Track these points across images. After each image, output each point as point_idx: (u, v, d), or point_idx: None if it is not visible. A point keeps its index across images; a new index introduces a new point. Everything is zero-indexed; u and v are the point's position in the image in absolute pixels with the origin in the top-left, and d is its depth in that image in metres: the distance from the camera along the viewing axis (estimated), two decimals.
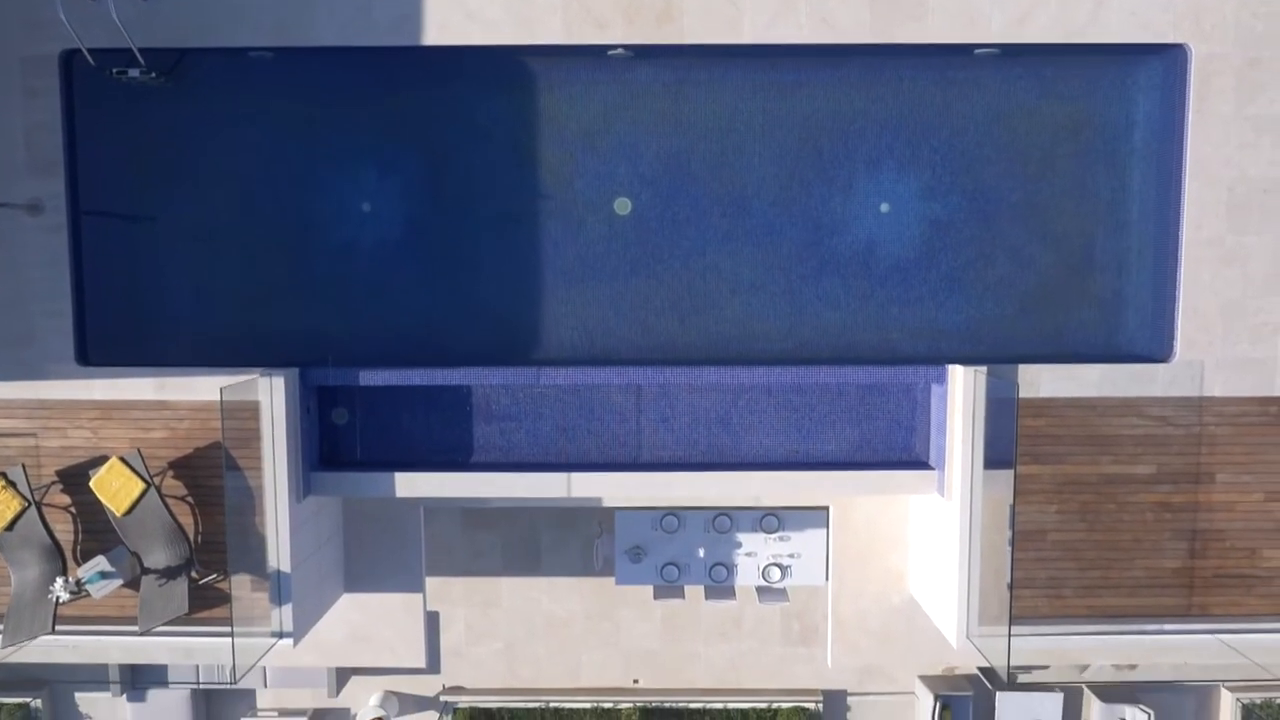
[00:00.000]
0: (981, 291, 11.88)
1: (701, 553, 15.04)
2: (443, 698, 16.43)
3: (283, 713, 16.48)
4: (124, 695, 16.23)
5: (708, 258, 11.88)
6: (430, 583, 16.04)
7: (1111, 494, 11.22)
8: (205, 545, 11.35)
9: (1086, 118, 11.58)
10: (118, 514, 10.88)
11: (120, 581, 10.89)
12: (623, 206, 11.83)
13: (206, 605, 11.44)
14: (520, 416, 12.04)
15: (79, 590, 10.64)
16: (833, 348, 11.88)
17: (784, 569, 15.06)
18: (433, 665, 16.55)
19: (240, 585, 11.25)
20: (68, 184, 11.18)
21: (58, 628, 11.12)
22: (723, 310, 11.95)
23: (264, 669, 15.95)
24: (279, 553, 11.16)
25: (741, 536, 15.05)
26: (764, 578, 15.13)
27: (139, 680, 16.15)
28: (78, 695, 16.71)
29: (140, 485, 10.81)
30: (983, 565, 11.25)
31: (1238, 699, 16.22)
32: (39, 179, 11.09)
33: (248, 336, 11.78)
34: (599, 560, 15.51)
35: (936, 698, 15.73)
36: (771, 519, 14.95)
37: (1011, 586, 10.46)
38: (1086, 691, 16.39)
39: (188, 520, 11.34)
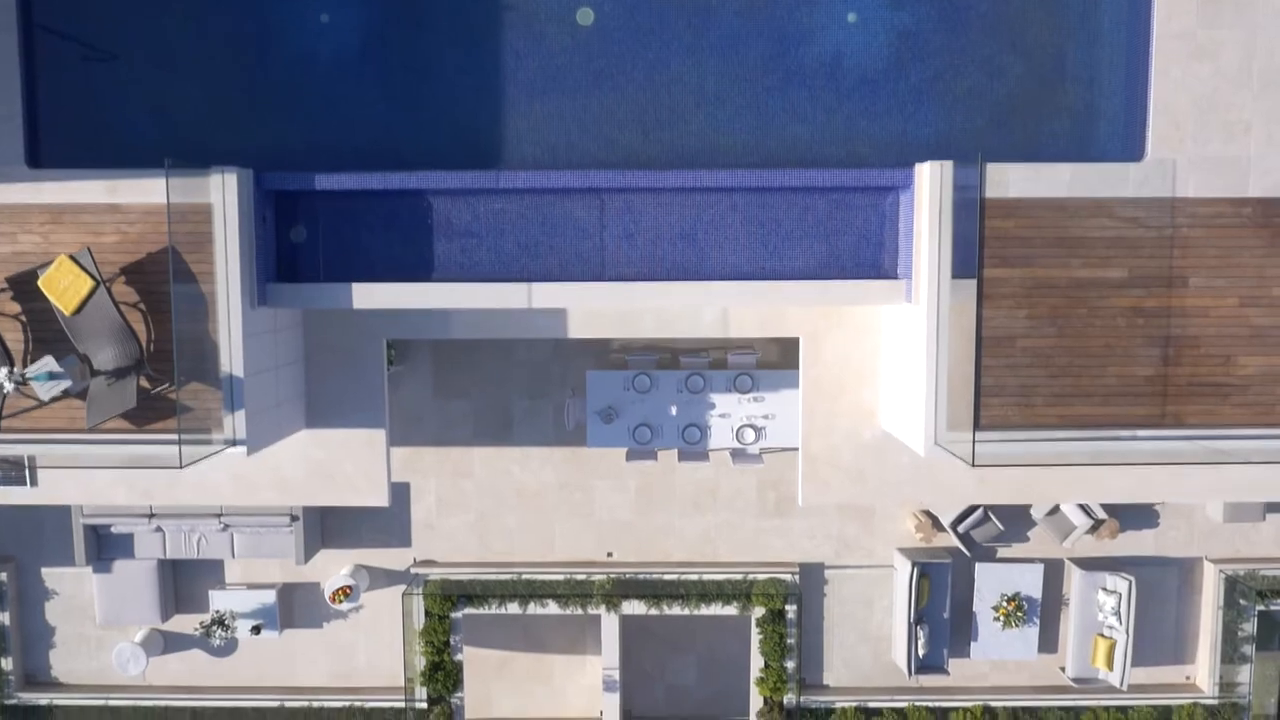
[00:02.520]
0: (951, 103, 11.66)
1: (674, 411, 14.84)
2: (413, 570, 16.19)
3: (251, 585, 16.23)
4: (89, 567, 15.99)
5: (672, 70, 11.66)
6: (400, 452, 15.89)
7: (1082, 298, 10.97)
8: (158, 355, 11.09)
9: None
10: (66, 313, 10.65)
11: (68, 383, 10.66)
12: (585, 16, 11.60)
13: (159, 416, 11.18)
14: (481, 234, 11.80)
15: (24, 382, 10.40)
16: (800, 162, 11.64)
17: (758, 430, 14.85)
18: (403, 537, 16.33)
19: (192, 391, 11.02)
20: None
21: (6, 436, 10.91)
22: (688, 124, 11.73)
23: (231, 537, 15.72)
24: (231, 357, 10.93)
25: (715, 397, 14.85)
26: (738, 439, 14.91)
27: (105, 551, 15.89)
28: (44, 570, 16.49)
29: (89, 283, 10.58)
30: (951, 374, 11.00)
31: (1221, 570, 15.97)
32: None
33: (204, 150, 11.54)
34: (570, 421, 15.28)
35: (914, 565, 15.48)
36: (745, 379, 14.75)
37: (979, 364, 10.20)
38: (1068, 563, 16.14)
39: (140, 329, 11.08)
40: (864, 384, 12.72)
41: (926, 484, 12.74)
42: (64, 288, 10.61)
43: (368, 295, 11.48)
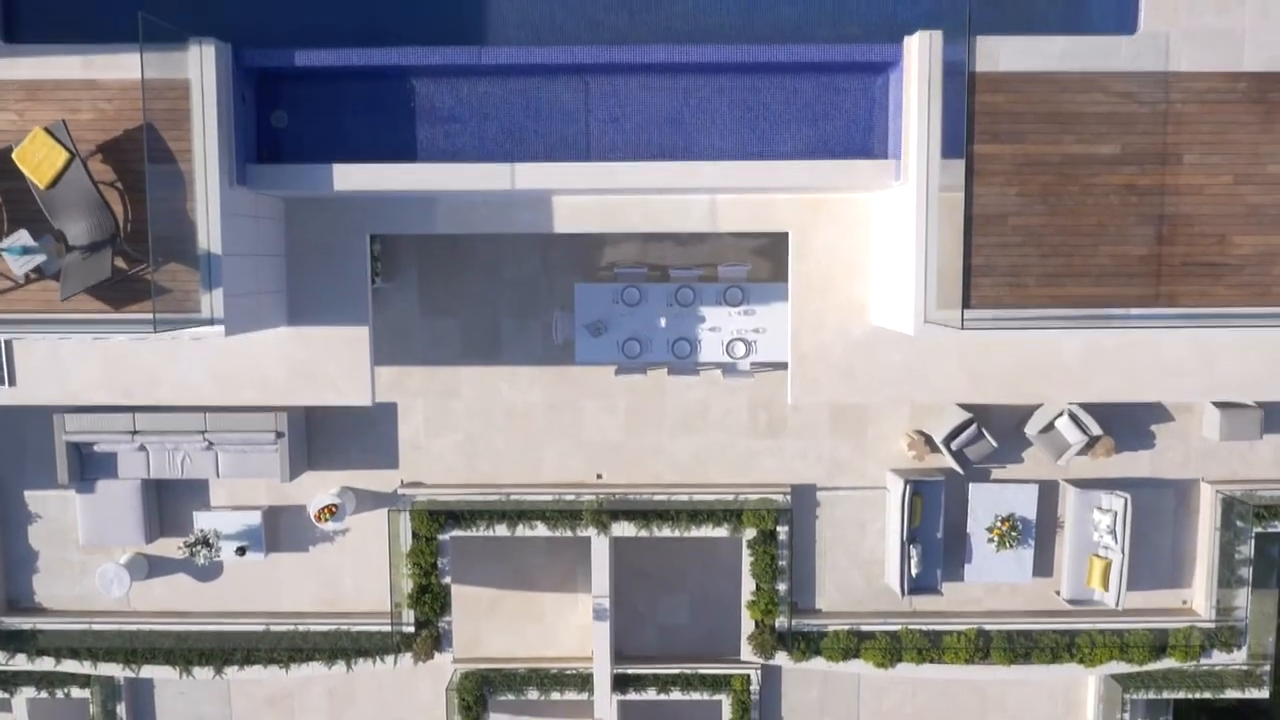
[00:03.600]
0: None
1: (663, 323, 14.67)
2: (400, 491, 15.97)
3: (235, 507, 16.02)
4: (73, 489, 15.78)
5: None
6: (387, 372, 15.71)
7: (1074, 175, 10.78)
8: (135, 235, 10.91)
9: None
10: (41, 186, 10.48)
11: (42, 257, 10.50)
12: None
13: (135, 298, 10.98)
14: (465, 118, 11.63)
15: None
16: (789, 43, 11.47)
17: (749, 344, 14.68)
18: (390, 458, 16.11)
19: (170, 273, 10.84)
20: None
21: None
22: (674, 5, 11.57)
23: (216, 456, 15.49)
24: (209, 234, 10.75)
25: (705, 310, 14.69)
26: (728, 353, 14.74)
27: (88, 471, 15.68)
28: (27, 493, 16.27)
29: (64, 155, 10.41)
30: (940, 255, 10.83)
31: (1218, 492, 15.76)
32: None
33: (184, 26, 11.36)
34: (558, 335, 15.09)
35: (907, 483, 15.27)
36: (735, 291, 14.58)
37: (969, 224, 10.00)
38: (1063, 484, 15.92)
39: (117, 209, 10.89)
40: (854, 279, 12.55)
41: (917, 380, 12.58)
42: (39, 160, 10.44)
43: (349, 177, 11.31)
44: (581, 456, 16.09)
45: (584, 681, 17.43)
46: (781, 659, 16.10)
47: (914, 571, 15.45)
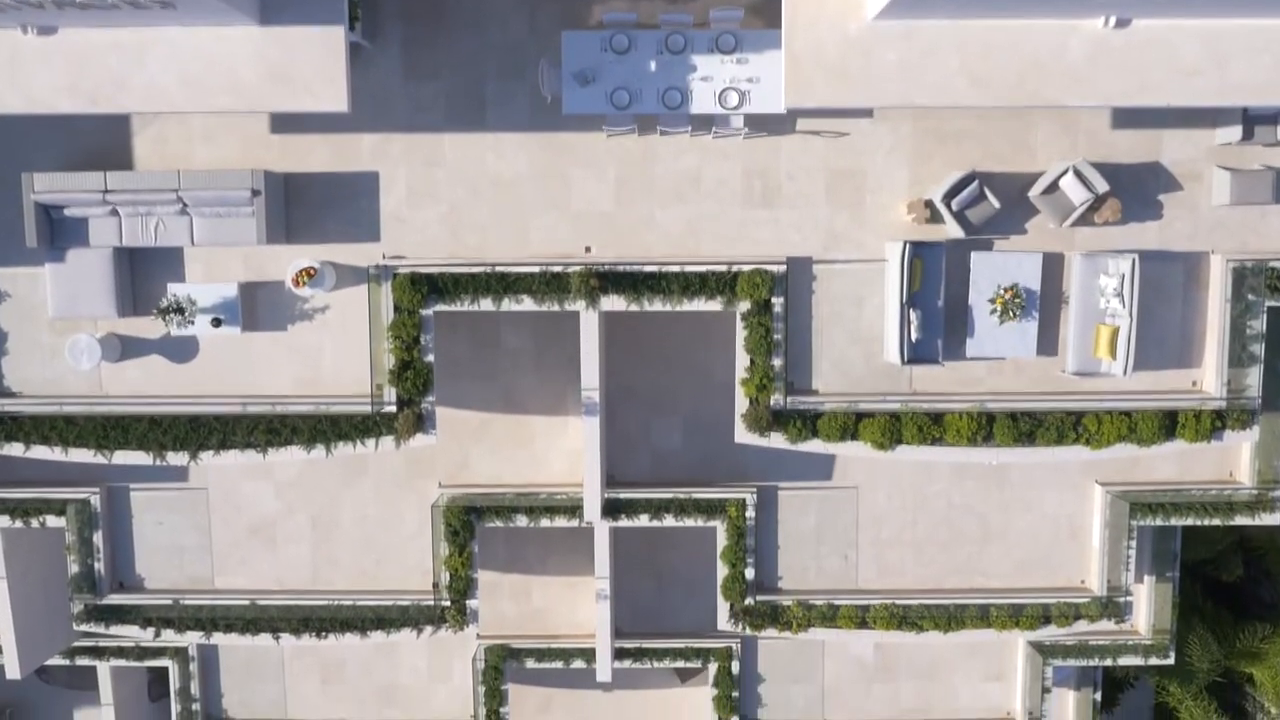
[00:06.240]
0: None
1: (653, 67, 14.20)
2: (381, 264, 15.36)
3: (211, 280, 15.48)
4: (45, 264, 15.26)
5: None
6: (369, 139, 15.27)
7: None
8: None
9: None
10: None
11: None
12: None
13: None
14: None
15: None
16: None
17: (742, 94, 14.22)
18: (371, 230, 15.57)
19: None
20: None
21: None
22: None
23: (191, 221, 14.96)
24: None
25: (696, 59, 14.24)
26: (720, 103, 14.28)
27: (58, 240, 15.14)
28: None
29: None
30: None
31: (1229, 261, 15.21)
32: None
33: None
34: (545, 88, 14.58)
35: (906, 244, 14.73)
36: (728, 38, 14.12)
37: None
38: (1067, 255, 15.36)
39: None
40: None
41: (914, 82, 12.12)
42: None
43: None
44: (569, 228, 15.54)
45: (574, 509, 16.91)
46: (777, 439, 15.51)
47: (914, 337, 14.86)
